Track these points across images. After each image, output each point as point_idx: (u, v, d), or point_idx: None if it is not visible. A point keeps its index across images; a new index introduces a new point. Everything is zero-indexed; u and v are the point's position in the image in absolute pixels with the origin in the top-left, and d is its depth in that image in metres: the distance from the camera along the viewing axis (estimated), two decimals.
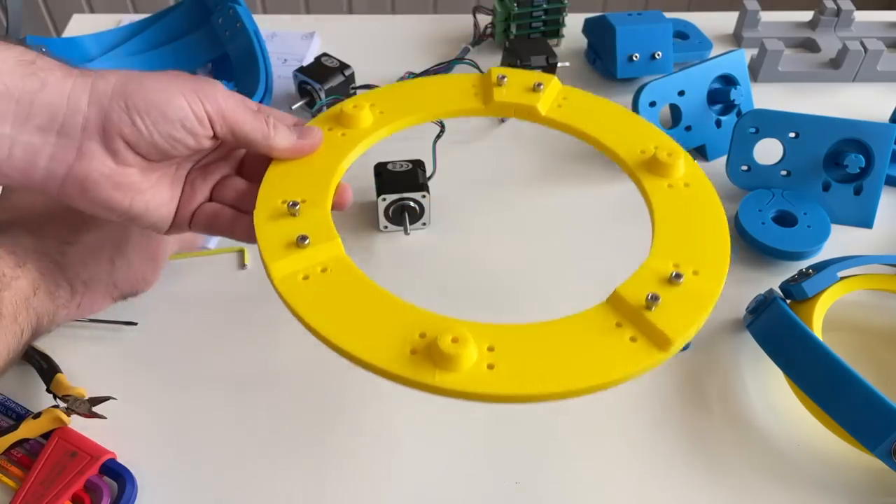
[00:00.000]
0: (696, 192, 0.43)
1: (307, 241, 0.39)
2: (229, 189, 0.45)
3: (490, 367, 0.34)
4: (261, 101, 0.68)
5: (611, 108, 0.49)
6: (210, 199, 0.45)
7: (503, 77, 0.49)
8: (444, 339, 0.33)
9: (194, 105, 0.39)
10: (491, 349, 0.34)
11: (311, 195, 0.42)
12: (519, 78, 0.50)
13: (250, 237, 0.41)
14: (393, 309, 0.36)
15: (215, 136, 0.41)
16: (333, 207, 0.43)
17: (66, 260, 0.45)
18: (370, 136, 0.47)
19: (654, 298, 0.35)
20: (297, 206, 0.40)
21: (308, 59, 0.79)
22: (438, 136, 0.64)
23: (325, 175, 0.43)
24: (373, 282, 0.38)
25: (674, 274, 0.37)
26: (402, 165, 0.61)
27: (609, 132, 0.47)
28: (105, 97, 0.37)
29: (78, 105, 0.37)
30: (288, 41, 0.81)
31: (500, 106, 0.49)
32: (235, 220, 0.44)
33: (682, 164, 0.44)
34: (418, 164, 0.62)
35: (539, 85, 0.49)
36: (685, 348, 0.53)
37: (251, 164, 0.47)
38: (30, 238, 0.44)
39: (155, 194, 0.42)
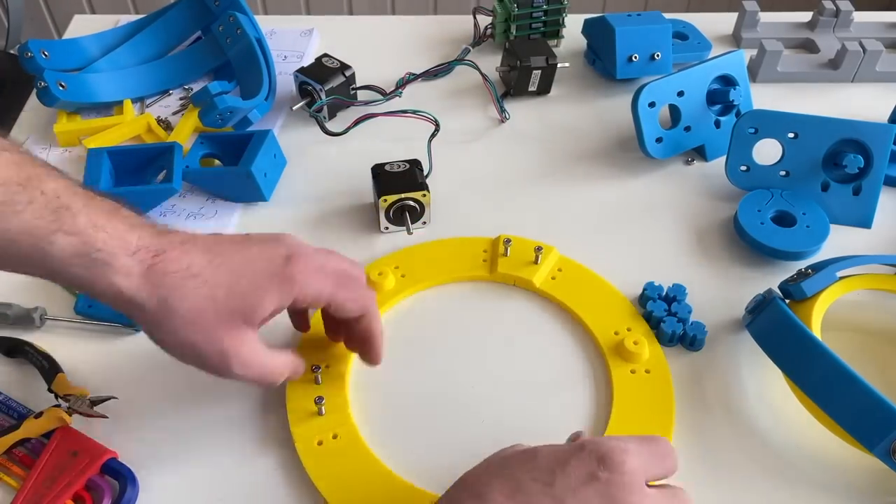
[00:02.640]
0: (655, 378, 0.50)
1: (323, 402, 0.47)
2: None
3: None
4: (265, 101, 0.69)
5: (598, 282, 0.57)
6: None
7: (508, 241, 0.57)
8: None
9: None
10: None
11: (334, 360, 0.51)
12: (522, 247, 0.57)
13: None
14: (384, 481, 0.45)
15: None
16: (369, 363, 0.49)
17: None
18: (392, 299, 0.55)
19: None
20: (320, 370, 0.49)
21: (308, 56, 0.79)
22: (433, 135, 0.64)
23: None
24: (371, 451, 0.46)
25: None
26: (399, 165, 0.61)
27: (590, 310, 0.54)
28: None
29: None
30: (287, 38, 0.81)
31: (502, 276, 0.57)
32: None
33: (647, 350, 0.51)
34: (415, 164, 0.62)
35: (538, 249, 0.56)
36: (696, 348, 0.53)
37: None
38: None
39: None
